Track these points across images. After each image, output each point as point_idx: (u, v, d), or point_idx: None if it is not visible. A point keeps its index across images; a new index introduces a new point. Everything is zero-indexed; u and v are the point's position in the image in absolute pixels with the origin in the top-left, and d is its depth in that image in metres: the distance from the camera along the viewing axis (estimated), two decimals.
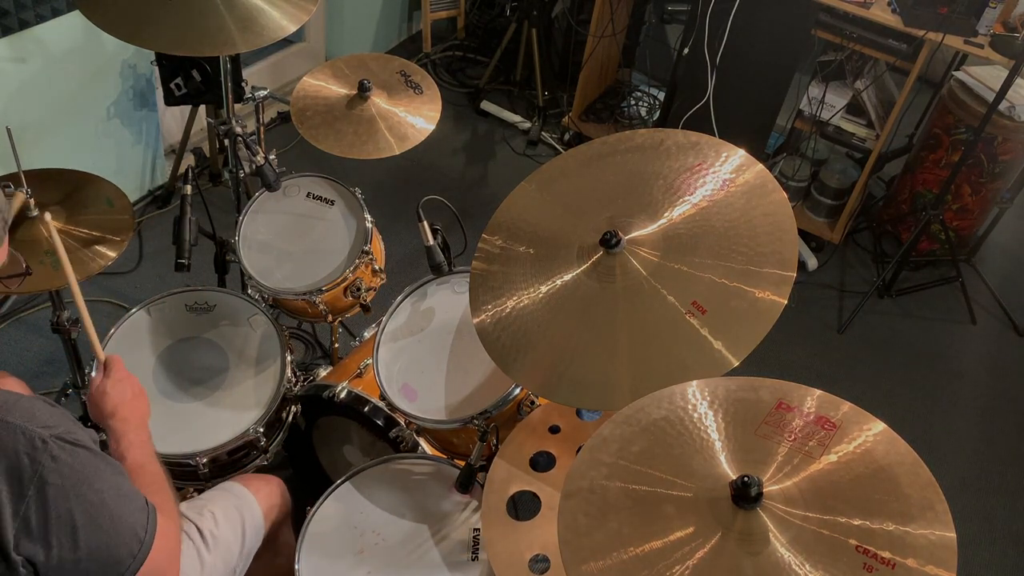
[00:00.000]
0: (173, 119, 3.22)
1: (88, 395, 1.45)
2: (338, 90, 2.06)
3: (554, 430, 1.59)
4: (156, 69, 2.70)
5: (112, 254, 1.76)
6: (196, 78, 2.63)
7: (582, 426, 1.59)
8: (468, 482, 1.61)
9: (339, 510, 1.64)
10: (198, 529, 1.51)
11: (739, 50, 3.00)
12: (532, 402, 1.69)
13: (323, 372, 2.11)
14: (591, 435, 1.14)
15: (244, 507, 1.61)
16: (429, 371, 1.76)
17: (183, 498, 1.72)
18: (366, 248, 2.04)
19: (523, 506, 1.47)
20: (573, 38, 3.86)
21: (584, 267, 1.39)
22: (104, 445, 1.38)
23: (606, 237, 1.35)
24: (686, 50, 3.07)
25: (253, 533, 1.60)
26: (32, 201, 1.72)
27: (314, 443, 2.13)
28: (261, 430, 1.82)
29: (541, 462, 1.54)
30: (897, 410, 2.94)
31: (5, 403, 1.08)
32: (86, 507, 1.08)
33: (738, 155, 1.41)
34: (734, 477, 1.00)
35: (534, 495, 1.49)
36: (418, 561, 1.56)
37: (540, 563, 1.38)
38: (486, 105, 3.95)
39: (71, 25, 2.56)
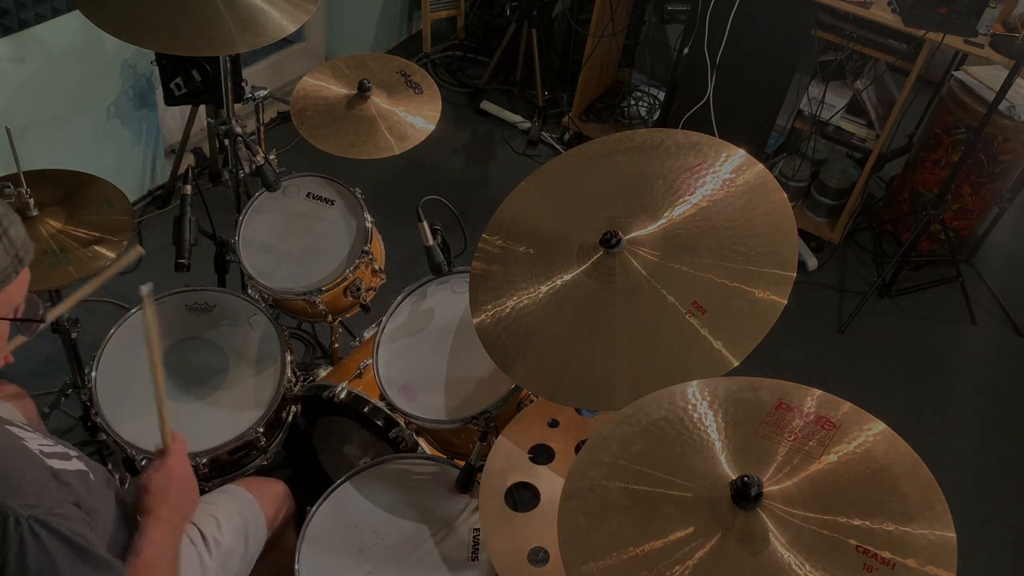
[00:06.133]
0: (173, 119, 3.22)
1: (154, 468, 1.39)
2: (338, 90, 2.06)
3: (553, 424, 1.59)
4: (156, 69, 2.70)
5: (112, 254, 1.76)
6: (196, 78, 2.63)
7: (581, 420, 1.59)
8: (468, 482, 1.61)
9: (339, 510, 1.64)
10: (201, 533, 1.50)
11: (739, 50, 3.00)
12: (532, 402, 1.69)
13: (323, 372, 2.11)
14: (590, 429, 1.14)
15: (248, 512, 1.60)
16: (429, 371, 1.76)
17: None
18: (366, 248, 2.04)
19: (521, 498, 1.47)
20: (573, 38, 3.86)
21: (584, 267, 1.39)
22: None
23: (606, 237, 1.35)
24: (686, 50, 3.07)
25: (256, 539, 1.60)
26: (32, 201, 1.72)
27: (314, 443, 2.13)
28: (261, 430, 1.82)
29: (540, 455, 1.54)
30: (897, 410, 2.94)
31: None
32: None
33: (738, 155, 1.41)
34: (734, 477, 1.00)
35: (532, 487, 1.49)
36: (418, 561, 1.56)
37: (539, 555, 1.38)
38: (486, 105, 3.95)
39: (71, 25, 2.56)
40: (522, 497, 1.47)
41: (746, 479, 0.98)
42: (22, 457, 1.09)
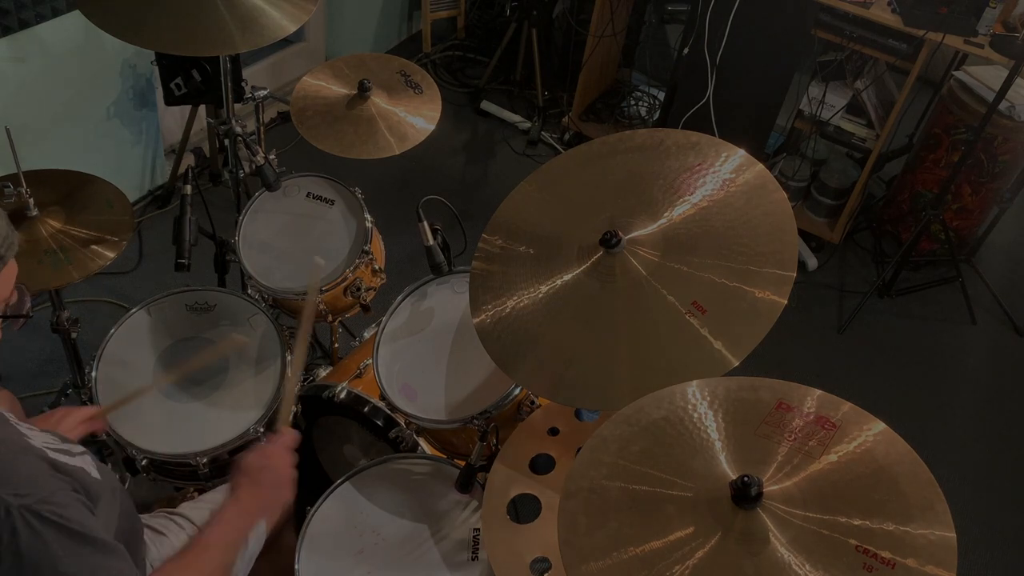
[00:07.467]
0: (173, 119, 3.22)
1: (255, 449, 1.38)
2: (338, 90, 2.06)
3: (553, 432, 1.59)
4: (156, 69, 2.70)
5: (111, 254, 1.76)
6: (196, 78, 2.63)
7: (581, 428, 1.59)
8: (468, 482, 1.61)
9: (339, 510, 1.64)
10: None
11: (739, 50, 3.00)
12: (532, 402, 1.69)
13: (323, 372, 2.11)
14: (590, 436, 1.14)
15: None
16: (429, 371, 1.76)
17: (184, 498, 1.71)
18: (366, 248, 2.04)
19: (523, 509, 1.47)
20: (573, 38, 3.86)
21: (584, 267, 1.39)
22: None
23: (606, 237, 1.35)
24: (686, 50, 3.07)
25: (255, 538, 1.59)
26: (32, 201, 1.72)
27: (314, 443, 2.13)
28: (261, 430, 1.82)
29: (541, 464, 1.54)
30: (897, 410, 2.94)
31: None
32: None
33: (738, 155, 1.41)
34: (734, 477, 1.00)
35: (534, 497, 1.49)
36: (418, 561, 1.56)
37: (541, 564, 1.38)
38: (486, 105, 3.95)
39: (71, 25, 2.56)
40: (524, 508, 1.47)
41: (746, 479, 0.98)
42: (16, 448, 1.07)
